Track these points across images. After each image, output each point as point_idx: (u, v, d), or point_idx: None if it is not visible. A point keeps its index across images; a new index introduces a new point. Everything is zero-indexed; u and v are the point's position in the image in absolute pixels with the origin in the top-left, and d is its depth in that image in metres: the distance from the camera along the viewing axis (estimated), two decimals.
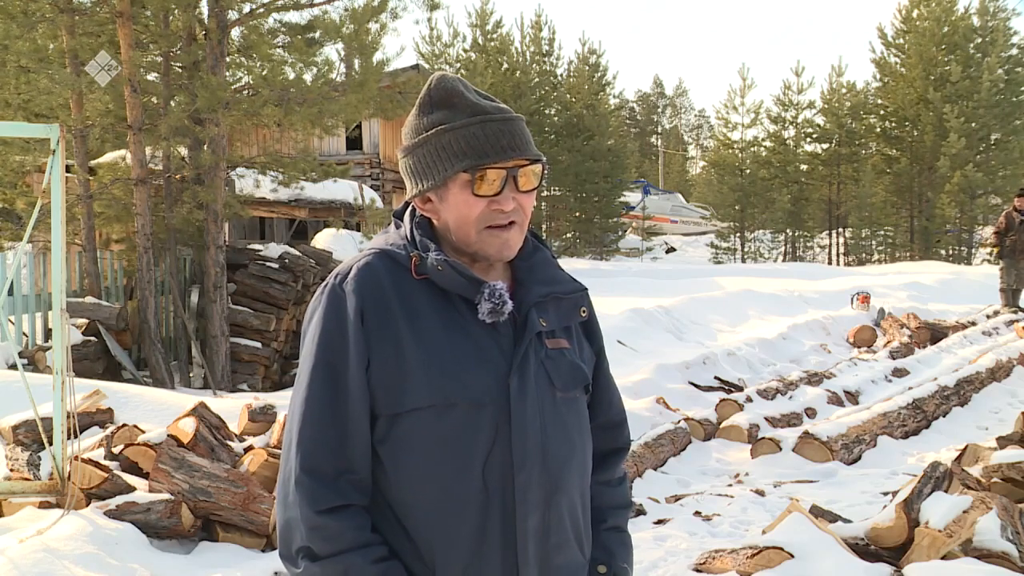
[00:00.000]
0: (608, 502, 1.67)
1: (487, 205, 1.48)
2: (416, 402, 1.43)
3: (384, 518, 1.47)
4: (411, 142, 1.53)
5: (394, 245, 1.54)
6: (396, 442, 1.45)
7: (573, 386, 1.56)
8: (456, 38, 34.65)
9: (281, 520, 1.47)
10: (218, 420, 5.26)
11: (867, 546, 4.01)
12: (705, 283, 18.43)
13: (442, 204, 1.51)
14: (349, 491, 1.44)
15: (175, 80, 10.82)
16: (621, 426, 1.73)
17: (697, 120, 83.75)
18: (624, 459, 1.75)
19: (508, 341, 1.50)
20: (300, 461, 1.44)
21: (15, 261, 8.39)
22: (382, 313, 1.46)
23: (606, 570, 1.61)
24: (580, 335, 1.64)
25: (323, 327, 1.47)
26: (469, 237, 1.50)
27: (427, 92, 1.53)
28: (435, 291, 1.49)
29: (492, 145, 1.46)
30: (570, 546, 1.53)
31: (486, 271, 1.54)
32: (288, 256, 10.84)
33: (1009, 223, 12.85)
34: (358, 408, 1.45)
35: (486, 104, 1.51)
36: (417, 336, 1.45)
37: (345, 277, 1.50)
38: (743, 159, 37.81)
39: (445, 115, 1.49)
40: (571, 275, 1.64)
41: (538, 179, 1.52)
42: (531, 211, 1.54)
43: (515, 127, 1.50)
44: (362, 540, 1.42)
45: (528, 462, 1.45)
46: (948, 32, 33.70)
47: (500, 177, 1.47)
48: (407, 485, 1.45)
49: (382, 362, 1.44)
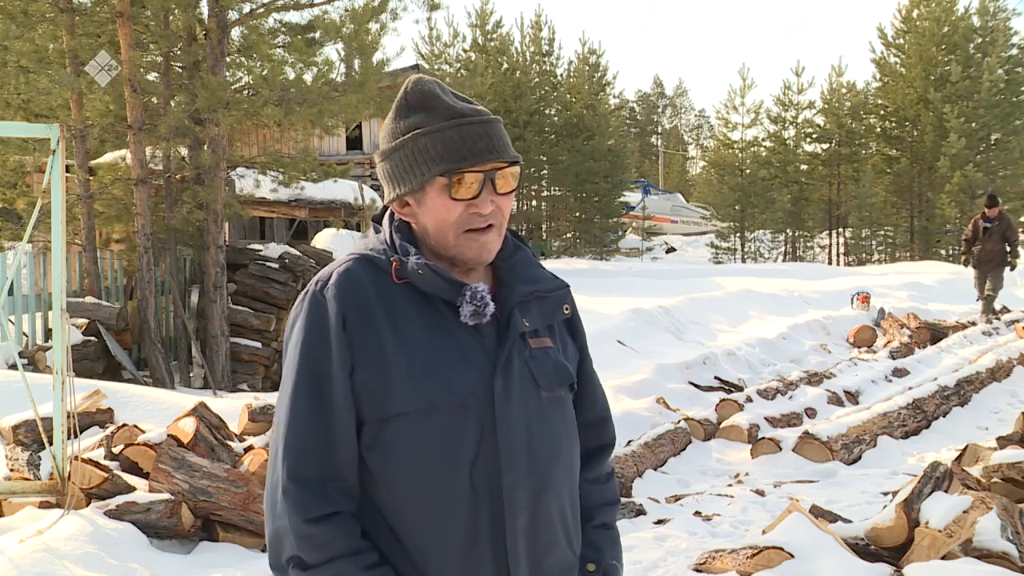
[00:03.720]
0: (596, 500, 1.67)
1: (465, 208, 1.47)
2: (402, 407, 1.43)
3: (373, 523, 1.46)
4: (388, 146, 1.52)
5: (374, 250, 1.53)
6: (383, 447, 1.45)
7: (558, 385, 1.56)
8: (456, 38, 34.69)
9: (270, 529, 1.46)
10: (218, 420, 5.26)
11: (867, 546, 4.01)
12: (705, 283, 18.44)
13: (420, 208, 1.51)
14: (337, 498, 1.43)
15: (175, 80, 10.82)
16: (606, 423, 1.73)
17: (697, 120, 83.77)
18: (610, 455, 1.75)
19: (491, 342, 1.49)
20: (287, 470, 1.43)
21: (15, 261, 8.41)
22: (364, 318, 1.45)
23: (595, 568, 1.61)
24: (563, 333, 1.64)
25: (305, 334, 1.46)
26: (448, 241, 1.50)
27: (403, 95, 1.53)
28: (417, 295, 1.48)
29: (469, 148, 1.45)
30: (560, 545, 1.53)
31: (466, 273, 1.54)
32: (288, 256, 10.84)
33: (976, 231, 12.53)
34: (344, 414, 1.44)
35: (463, 107, 1.49)
36: (400, 340, 1.45)
37: (326, 283, 1.49)
38: (743, 159, 37.81)
39: (422, 119, 1.49)
40: (553, 273, 1.64)
41: (516, 181, 1.51)
42: (509, 213, 1.53)
43: (492, 129, 1.48)
44: (352, 547, 1.42)
45: (515, 463, 1.45)
46: (948, 32, 33.71)
47: (478, 180, 1.46)
48: (396, 489, 1.45)
49: (366, 368, 1.44)
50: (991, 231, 12.22)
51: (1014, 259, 12.34)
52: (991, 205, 12.42)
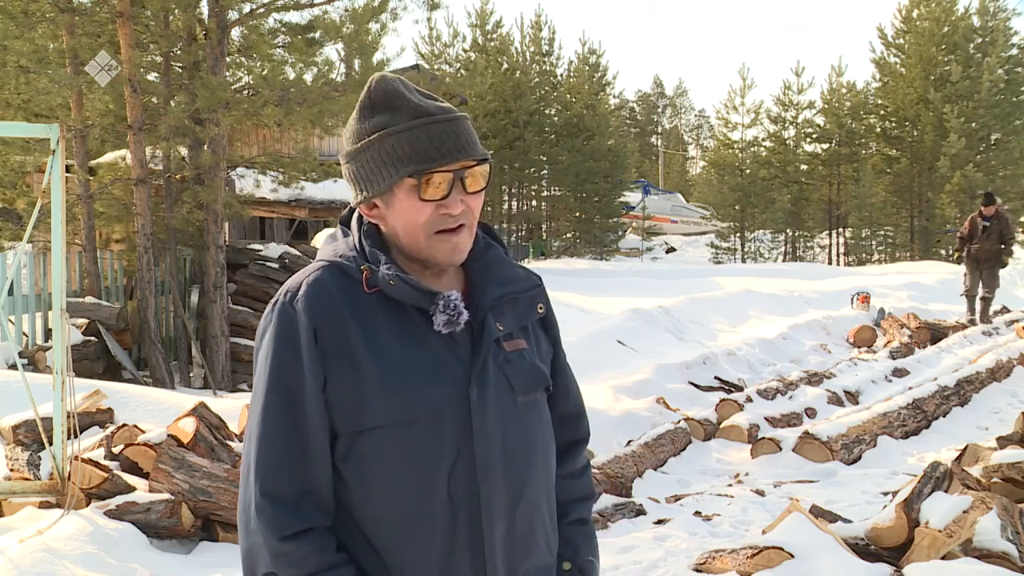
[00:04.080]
0: (571, 495, 1.65)
1: (435, 209, 1.43)
2: (376, 420, 1.40)
3: (350, 535, 1.44)
4: (353, 147, 1.47)
5: (343, 257, 1.48)
6: (358, 459, 1.42)
7: (533, 389, 1.54)
8: (456, 38, 34.67)
9: (244, 546, 1.44)
10: (218, 420, 5.25)
11: (867, 546, 4.01)
12: (705, 283, 18.43)
13: (389, 210, 1.47)
14: (312, 514, 1.41)
15: (175, 80, 10.83)
16: (580, 417, 1.71)
17: (697, 120, 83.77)
18: (584, 450, 1.73)
19: (466, 349, 1.47)
20: (260, 486, 1.40)
21: (15, 261, 8.41)
22: (336, 330, 1.42)
23: (571, 566, 1.60)
24: (537, 330, 1.61)
25: (275, 348, 1.43)
26: (418, 243, 1.46)
27: (367, 94, 1.48)
28: (388, 303, 1.45)
29: (437, 148, 1.42)
30: (539, 549, 1.52)
31: (438, 275, 1.51)
32: (288, 256, 10.84)
33: (973, 229, 12.46)
34: (317, 428, 1.41)
35: (429, 105, 1.45)
36: (373, 351, 1.41)
37: (295, 295, 1.44)
38: (743, 159, 37.80)
39: (387, 118, 1.45)
40: (526, 269, 1.61)
41: (486, 179, 1.48)
42: (479, 211, 1.50)
43: (459, 127, 1.45)
44: (328, 562, 1.39)
45: (491, 472, 1.44)
46: (948, 32, 33.69)
47: (447, 180, 1.43)
48: (372, 501, 1.42)
49: (339, 380, 1.41)
50: (989, 230, 12.21)
51: (1006, 257, 12.31)
52: (988, 203, 12.37)
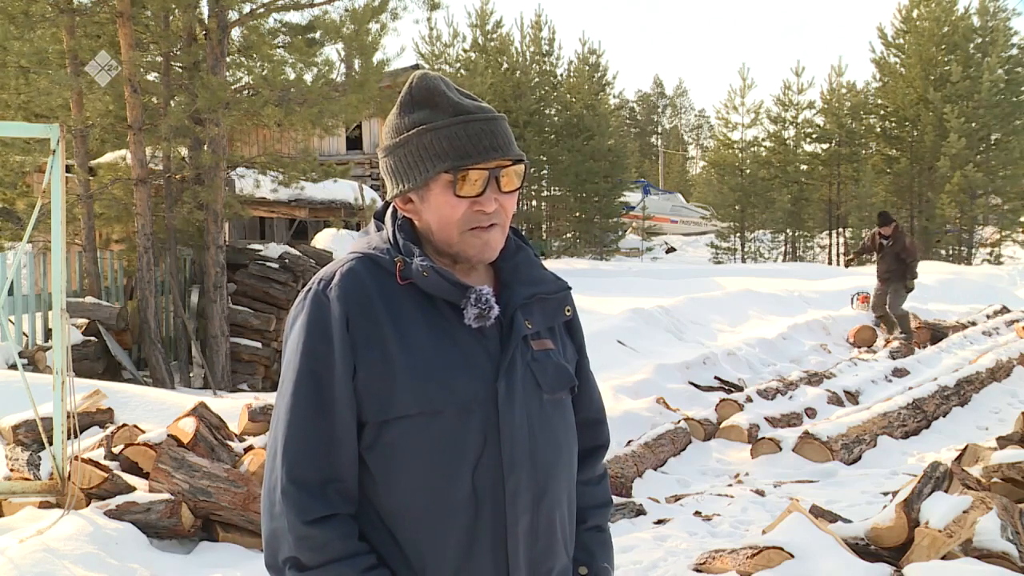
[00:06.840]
0: (589, 501, 1.67)
1: (469, 206, 1.45)
2: (404, 409, 1.42)
3: (372, 525, 1.45)
4: (392, 141, 1.50)
5: (377, 249, 1.51)
6: (384, 449, 1.44)
7: (559, 388, 1.55)
8: (456, 38, 34.69)
9: (267, 529, 1.45)
10: (218, 420, 5.26)
11: (867, 546, 4.01)
12: (705, 283, 18.43)
13: (423, 205, 1.49)
14: (336, 500, 1.42)
15: (175, 80, 10.82)
16: (601, 423, 1.73)
17: (697, 120, 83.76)
18: (604, 456, 1.74)
19: (495, 344, 1.48)
20: (286, 471, 1.42)
21: (15, 261, 8.40)
22: (368, 319, 1.43)
23: (587, 571, 1.61)
24: (563, 334, 1.63)
25: (307, 334, 1.44)
26: (451, 238, 1.48)
27: (408, 91, 1.51)
28: (420, 295, 1.47)
29: (474, 145, 1.43)
30: (558, 548, 1.53)
31: (468, 272, 1.53)
32: (288, 256, 10.84)
33: (874, 244, 12.18)
34: (345, 416, 1.43)
35: (468, 103, 1.47)
36: (403, 342, 1.43)
37: (329, 282, 1.47)
38: (743, 159, 37.81)
39: (427, 114, 1.47)
40: (554, 273, 1.63)
41: (520, 179, 1.50)
42: (512, 211, 1.51)
43: (497, 127, 1.47)
44: (350, 549, 1.41)
45: (517, 466, 1.45)
46: (948, 32, 33.69)
47: (482, 178, 1.44)
48: (396, 492, 1.43)
49: (368, 369, 1.42)
50: (886, 250, 11.88)
51: (911, 281, 11.88)
52: (884, 224, 12.00)
